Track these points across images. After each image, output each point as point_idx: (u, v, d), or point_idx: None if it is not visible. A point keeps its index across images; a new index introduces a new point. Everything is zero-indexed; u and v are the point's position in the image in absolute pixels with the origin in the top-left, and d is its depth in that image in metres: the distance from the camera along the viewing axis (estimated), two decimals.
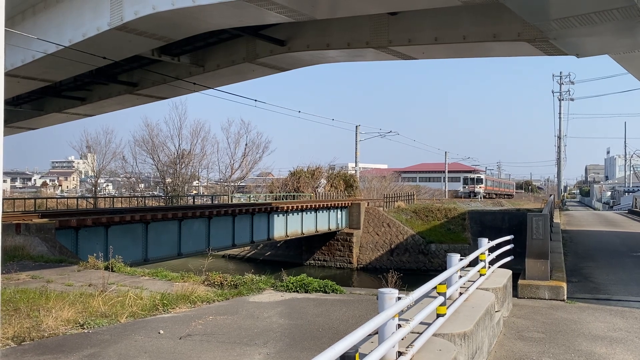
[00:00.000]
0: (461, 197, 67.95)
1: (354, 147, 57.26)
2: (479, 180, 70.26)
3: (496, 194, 78.87)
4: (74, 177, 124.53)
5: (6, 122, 33.20)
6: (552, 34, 14.43)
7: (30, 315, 7.82)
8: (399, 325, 4.81)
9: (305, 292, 10.48)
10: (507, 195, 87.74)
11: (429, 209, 41.38)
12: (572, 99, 57.97)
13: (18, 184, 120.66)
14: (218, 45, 22.71)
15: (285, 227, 30.99)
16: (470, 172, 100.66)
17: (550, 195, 47.10)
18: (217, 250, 26.31)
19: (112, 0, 15.82)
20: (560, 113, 58.24)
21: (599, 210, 68.27)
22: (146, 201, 46.46)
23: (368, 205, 39.18)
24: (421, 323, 5.50)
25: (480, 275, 8.95)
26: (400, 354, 4.84)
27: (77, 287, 10.41)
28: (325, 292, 10.57)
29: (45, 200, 41.54)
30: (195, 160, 58.89)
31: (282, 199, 43.35)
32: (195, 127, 59.67)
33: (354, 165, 60.25)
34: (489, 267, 9.83)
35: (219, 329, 7.55)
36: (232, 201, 44.93)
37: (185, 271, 12.35)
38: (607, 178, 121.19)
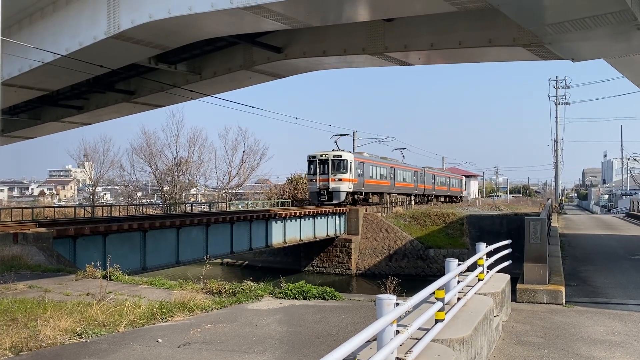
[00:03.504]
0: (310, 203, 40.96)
1: None
2: (341, 166, 37.36)
3: (408, 195, 48.85)
4: (71, 186, 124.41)
5: (3, 131, 33.19)
6: (547, 38, 14.52)
7: (27, 325, 7.79)
8: (398, 332, 4.81)
9: (304, 299, 10.46)
10: (449, 197, 61.82)
11: (427, 214, 41.39)
12: (568, 103, 58.24)
13: (15, 193, 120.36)
14: (215, 52, 22.79)
15: (284, 233, 30.94)
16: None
17: (548, 199, 47.01)
18: (215, 257, 26.27)
19: (109, 9, 15.87)
20: (556, 117, 58.48)
21: (597, 213, 68.42)
22: (144, 209, 46.41)
23: (366, 211, 39.16)
24: (420, 329, 5.50)
25: (479, 280, 8.96)
26: None
27: (75, 296, 10.37)
28: (324, 298, 10.55)
29: (42, 209, 41.49)
30: (192, 167, 58.95)
31: (280, 206, 43.30)
32: (192, 135, 59.99)
33: None
34: (487, 271, 9.82)
35: (217, 337, 7.53)
36: (230, 208, 44.91)
37: (183, 279, 12.32)
38: (604, 181, 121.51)
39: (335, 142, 41.76)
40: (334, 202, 37.26)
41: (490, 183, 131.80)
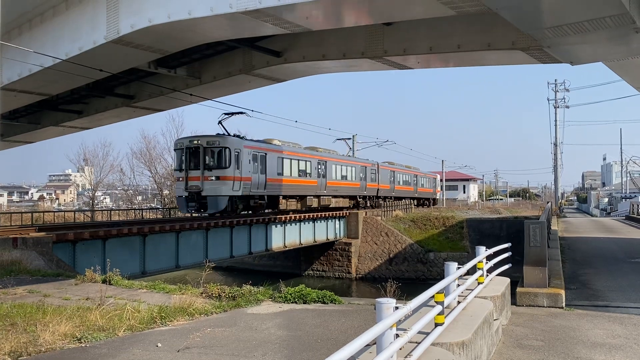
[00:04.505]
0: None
1: None
2: (221, 158, 25.01)
3: (351, 197, 38.99)
4: (71, 191, 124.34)
5: (3, 135, 33.23)
6: (546, 42, 14.56)
7: (27, 330, 7.77)
8: (397, 335, 4.81)
9: (304, 303, 10.45)
10: (416, 200, 52.65)
11: (426, 217, 41.36)
12: (567, 107, 58.23)
13: (15, 197, 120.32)
14: (214, 57, 22.85)
15: (284, 237, 30.91)
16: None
17: (548, 202, 46.99)
18: (215, 261, 26.22)
19: (109, 14, 15.92)
20: (556, 120, 58.52)
21: (597, 216, 68.38)
22: (144, 213, 46.38)
23: (366, 214, 39.16)
24: (419, 332, 5.50)
25: (479, 283, 8.95)
26: None
27: (74, 300, 10.36)
28: (324, 302, 10.55)
29: (42, 214, 41.50)
30: None
31: None
32: None
33: None
34: (487, 275, 9.82)
35: (217, 342, 7.52)
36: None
37: (183, 283, 12.32)
38: (604, 184, 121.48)
39: (220, 123, 27.44)
40: (210, 211, 24.98)
41: (489, 186, 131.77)
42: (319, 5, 13.50)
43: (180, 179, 25.54)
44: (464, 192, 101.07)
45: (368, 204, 42.08)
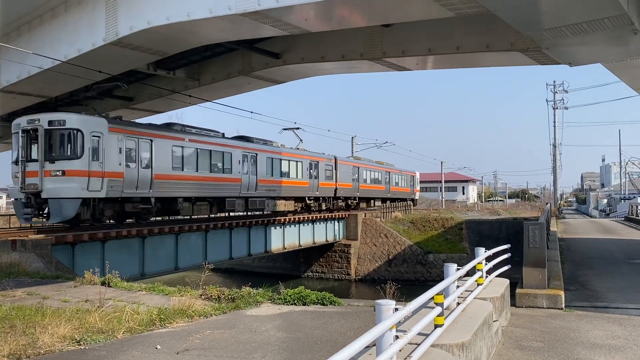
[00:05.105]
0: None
1: None
2: (70, 145, 17.30)
3: (298, 199, 32.20)
4: None
5: (2, 137, 33.18)
6: (545, 43, 14.58)
7: (26, 333, 7.76)
8: (397, 337, 4.81)
9: (303, 305, 10.43)
10: (390, 200, 46.36)
11: (426, 219, 41.36)
12: (566, 108, 58.41)
13: None
14: (213, 58, 22.88)
15: (283, 239, 30.90)
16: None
17: (547, 203, 46.99)
18: (214, 263, 26.14)
19: (107, 16, 15.93)
20: (554, 122, 58.62)
21: (596, 218, 68.40)
22: None
23: (365, 216, 39.16)
24: (419, 334, 5.49)
25: (478, 284, 8.95)
26: None
27: (73, 303, 10.34)
28: (323, 304, 10.54)
29: None
30: None
31: None
32: None
33: None
34: (487, 276, 9.82)
35: (216, 344, 7.51)
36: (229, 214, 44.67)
37: (182, 285, 12.29)
38: (603, 185, 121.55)
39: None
40: (55, 220, 18.18)
41: (489, 188, 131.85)
42: (317, 6, 13.52)
43: (17, 174, 18.04)
44: (463, 194, 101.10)
45: (324, 207, 35.07)
